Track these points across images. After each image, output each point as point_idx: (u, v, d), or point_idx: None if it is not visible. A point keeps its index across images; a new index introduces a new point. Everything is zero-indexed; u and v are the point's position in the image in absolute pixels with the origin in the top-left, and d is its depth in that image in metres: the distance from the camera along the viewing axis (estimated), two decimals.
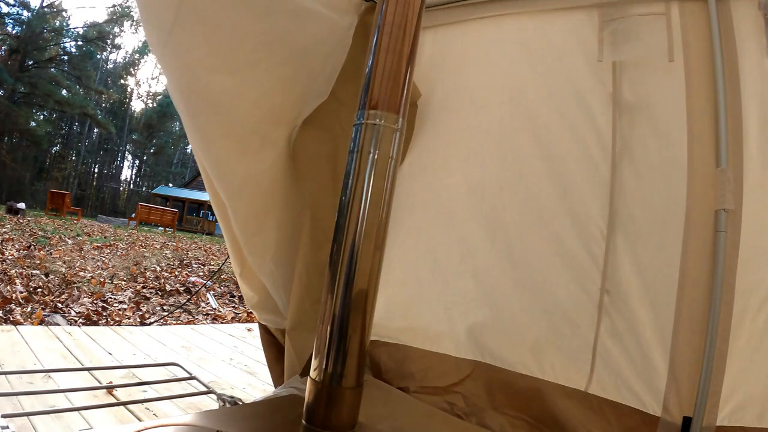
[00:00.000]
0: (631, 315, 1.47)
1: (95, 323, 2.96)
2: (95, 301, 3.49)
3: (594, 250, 1.55)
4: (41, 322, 2.70)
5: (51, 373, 1.84)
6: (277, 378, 1.89)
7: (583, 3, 1.61)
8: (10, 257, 4.36)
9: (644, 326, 1.44)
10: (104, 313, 3.19)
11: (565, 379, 1.56)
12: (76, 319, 2.95)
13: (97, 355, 2.19)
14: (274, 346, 1.92)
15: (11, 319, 2.68)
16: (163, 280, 4.37)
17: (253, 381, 2.15)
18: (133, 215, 16.00)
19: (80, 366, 1.95)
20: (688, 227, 1.40)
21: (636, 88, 1.52)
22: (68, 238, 7.05)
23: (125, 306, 3.47)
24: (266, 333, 1.94)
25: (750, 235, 1.33)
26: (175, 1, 1.19)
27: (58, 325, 2.69)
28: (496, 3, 1.78)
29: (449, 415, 1.70)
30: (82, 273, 4.26)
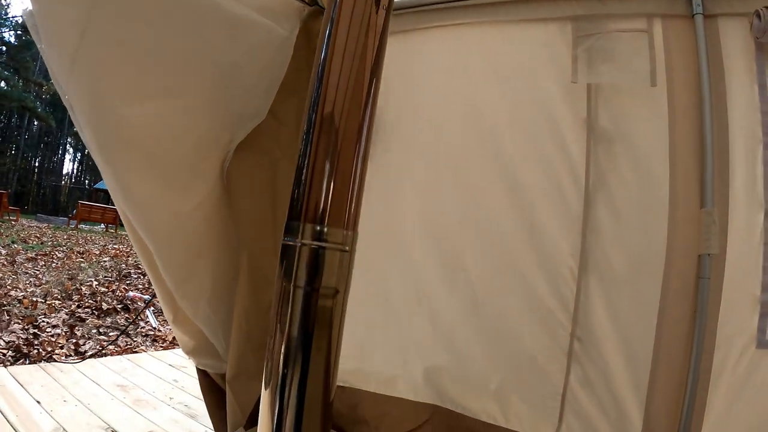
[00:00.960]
0: (603, 364, 1.35)
1: (26, 356, 2.65)
2: (26, 327, 3.13)
3: (564, 292, 1.42)
4: None
5: None
6: (220, 426, 1.69)
7: (556, 14, 1.45)
8: None
9: (618, 376, 1.33)
10: (36, 342, 2.86)
11: (532, 429, 1.44)
12: (5, 352, 2.62)
13: (25, 406, 1.89)
14: (214, 391, 1.73)
15: None
16: (99, 297, 3.96)
17: (195, 427, 1.92)
18: (74, 212, 15.22)
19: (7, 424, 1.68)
20: (668, 271, 1.29)
21: (613, 114, 1.38)
22: (1, 247, 6.44)
23: (59, 331, 3.12)
24: (205, 378, 1.75)
25: (734, 278, 1.24)
26: (81, 18, 0.99)
27: None
28: (457, 10, 1.59)
29: None
30: (13, 292, 3.83)
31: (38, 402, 1.88)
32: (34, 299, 3.57)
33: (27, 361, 2.58)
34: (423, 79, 1.64)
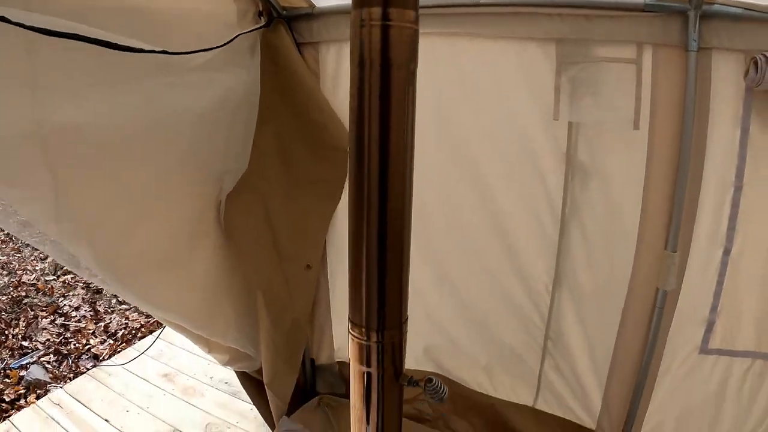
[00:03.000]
0: (571, 358, 1.61)
1: (66, 356, 2.82)
2: (54, 318, 3.18)
3: (539, 303, 1.61)
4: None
5: None
6: (264, 409, 2.03)
7: (539, 35, 1.33)
8: None
9: (583, 368, 1.60)
10: (68, 335, 3.04)
11: (515, 396, 1.78)
12: (48, 357, 2.81)
13: (99, 430, 2.10)
14: (253, 383, 2.03)
15: None
16: None
17: (242, 407, 2.22)
18: None
19: None
20: (629, 297, 1.46)
21: (592, 149, 1.38)
22: None
23: (83, 313, 3.29)
24: (243, 374, 2.05)
25: (686, 305, 1.40)
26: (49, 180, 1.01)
27: (38, 381, 2.56)
28: (428, 17, 1.42)
29: (421, 425, 1.94)
30: (25, 277, 3.73)
31: (107, 421, 2.13)
32: (48, 280, 3.75)
33: (69, 362, 2.82)
34: None
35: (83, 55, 0.94)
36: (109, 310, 3.38)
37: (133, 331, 3.15)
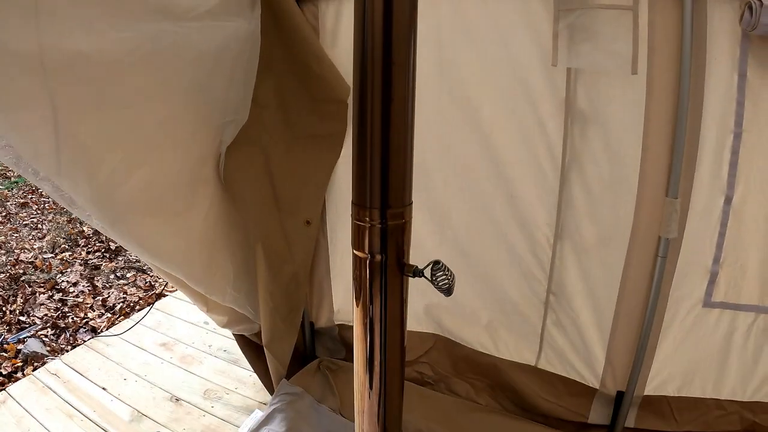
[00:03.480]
0: (574, 314, 1.59)
1: (63, 330, 2.84)
2: (51, 294, 3.22)
3: (540, 255, 1.59)
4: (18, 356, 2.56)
5: None
6: (263, 374, 2.03)
7: None
8: None
9: (586, 323, 1.58)
10: (66, 309, 3.04)
11: (518, 356, 1.76)
12: (45, 331, 2.83)
13: (96, 398, 2.09)
14: (252, 347, 2.03)
15: None
16: (104, 236, 4.00)
17: (241, 373, 2.23)
18: None
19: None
20: (631, 245, 1.44)
21: (591, 96, 1.37)
22: None
23: (81, 288, 3.28)
24: (242, 339, 2.04)
25: (689, 254, 1.38)
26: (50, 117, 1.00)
27: (35, 354, 2.57)
28: None
29: (422, 388, 1.93)
30: (23, 255, 3.70)
31: (104, 389, 2.11)
32: (46, 258, 3.73)
33: (67, 335, 2.82)
34: None
35: None
36: (107, 285, 3.36)
37: (132, 304, 3.13)
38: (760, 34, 1.12)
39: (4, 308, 3.10)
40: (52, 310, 3.06)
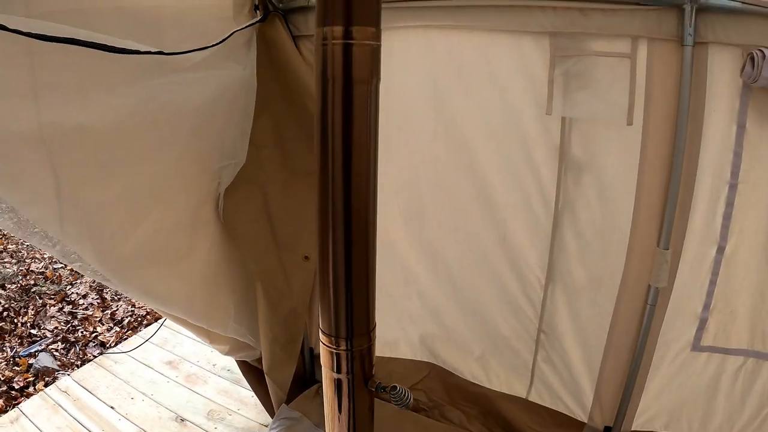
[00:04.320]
0: (564, 351, 1.62)
1: (73, 344, 2.90)
2: (61, 306, 3.29)
3: (532, 295, 1.62)
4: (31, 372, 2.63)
5: None
6: (264, 397, 2.08)
7: (533, 28, 1.33)
8: None
9: (575, 360, 1.61)
10: (75, 323, 3.11)
11: (508, 388, 1.80)
12: (56, 345, 2.89)
13: (105, 416, 2.15)
14: (253, 371, 2.09)
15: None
16: None
17: (243, 393, 2.28)
18: None
19: None
20: (621, 292, 1.46)
21: (585, 143, 1.38)
22: None
23: (91, 300, 3.37)
24: (244, 364, 2.10)
25: (679, 302, 1.40)
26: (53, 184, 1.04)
27: (46, 368, 2.64)
28: (423, 10, 1.44)
29: (417, 415, 1.97)
30: (34, 265, 3.75)
31: (112, 408, 2.18)
32: (56, 268, 3.74)
33: (77, 349, 2.88)
34: (393, 78, 1.55)
35: (82, 57, 0.95)
36: (116, 298, 3.44)
37: (140, 319, 3.20)
38: (761, 86, 1.12)
39: (16, 320, 3.18)
40: (62, 323, 3.13)
